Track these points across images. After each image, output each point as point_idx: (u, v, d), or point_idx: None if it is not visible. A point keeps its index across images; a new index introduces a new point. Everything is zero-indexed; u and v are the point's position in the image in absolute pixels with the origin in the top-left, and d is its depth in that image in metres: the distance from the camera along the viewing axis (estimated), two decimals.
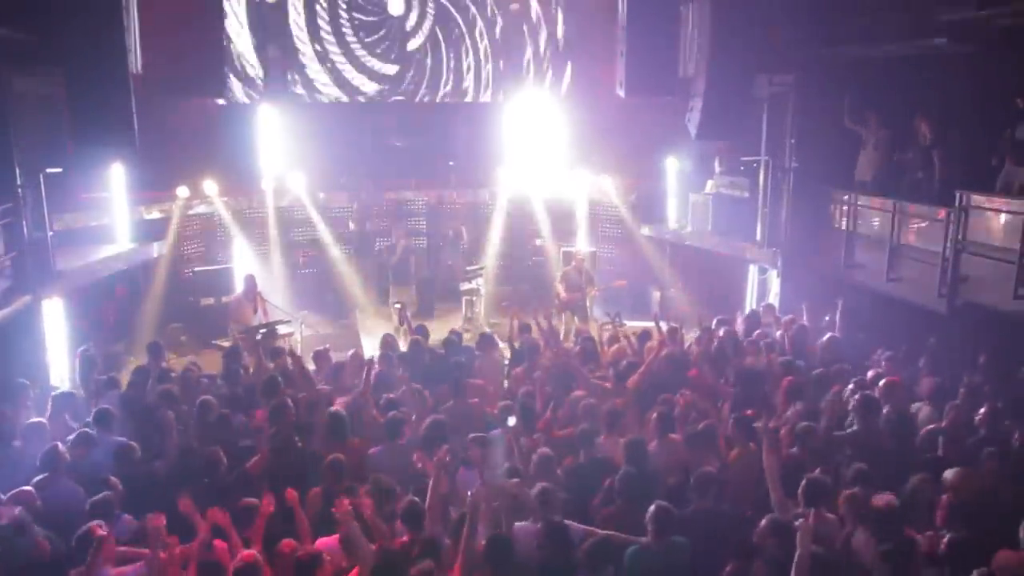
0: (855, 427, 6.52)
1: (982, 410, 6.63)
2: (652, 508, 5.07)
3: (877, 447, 6.27)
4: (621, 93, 11.41)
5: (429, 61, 15.49)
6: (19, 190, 9.57)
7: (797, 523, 4.67)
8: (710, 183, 13.48)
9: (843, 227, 10.93)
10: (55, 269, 10.26)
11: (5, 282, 9.40)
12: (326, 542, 5.21)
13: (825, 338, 9.00)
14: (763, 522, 4.93)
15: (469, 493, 5.07)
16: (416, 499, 5.37)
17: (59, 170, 10.14)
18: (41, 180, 9.90)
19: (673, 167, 14.25)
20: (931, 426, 6.61)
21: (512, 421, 6.66)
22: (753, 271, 12.65)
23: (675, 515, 5.10)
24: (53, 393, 7.94)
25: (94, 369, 8.84)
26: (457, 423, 6.86)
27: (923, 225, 9.76)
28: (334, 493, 5.73)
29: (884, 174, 10.72)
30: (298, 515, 5.48)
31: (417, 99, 15.58)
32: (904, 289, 9.81)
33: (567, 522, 5.14)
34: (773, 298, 11.75)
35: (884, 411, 6.70)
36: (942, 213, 9.11)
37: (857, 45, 10.39)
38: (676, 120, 11.79)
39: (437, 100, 15.65)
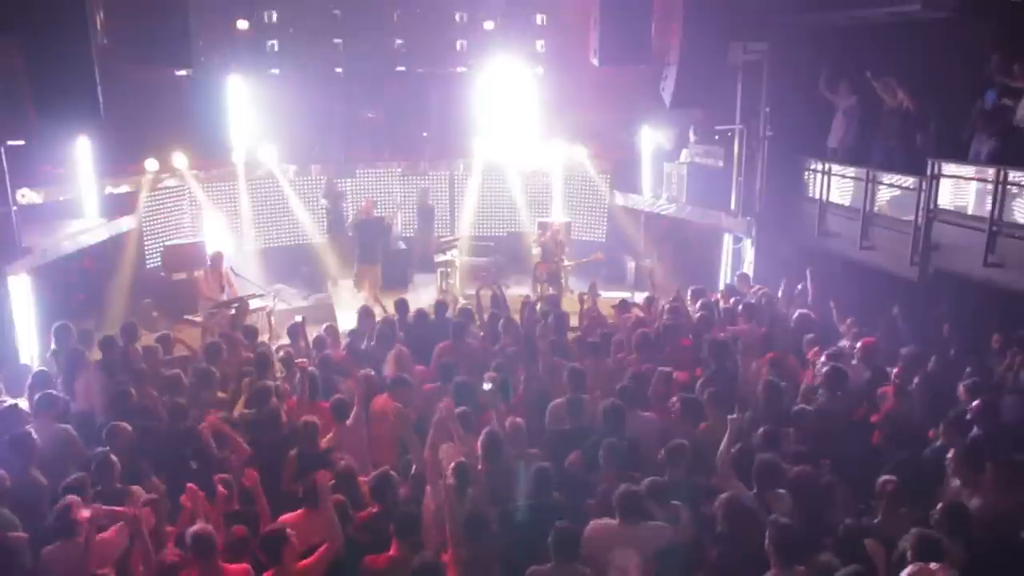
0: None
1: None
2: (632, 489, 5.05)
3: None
4: (595, 62, 11.33)
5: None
6: None
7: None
8: (685, 152, 13.46)
9: (817, 196, 10.97)
10: (21, 245, 10.06)
11: None
12: (288, 518, 5.23)
13: (795, 315, 9.08)
14: (716, 503, 4.95)
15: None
16: (390, 473, 5.41)
17: (21, 142, 9.91)
18: (2, 153, 9.66)
19: (648, 137, 14.21)
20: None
21: (488, 386, 6.72)
22: (728, 240, 12.68)
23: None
24: (32, 372, 7.85)
25: (69, 344, 8.69)
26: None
27: (896, 194, 9.82)
28: (309, 456, 5.90)
29: (853, 141, 10.75)
30: (258, 496, 5.48)
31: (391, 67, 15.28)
32: (877, 257, 9.88)
33: None
34: (748, 267, 11.80)
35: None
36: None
37: (832, 11, 10.34)
38: (651, 89, 11.73)
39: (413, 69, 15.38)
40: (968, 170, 8.85)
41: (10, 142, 9.77)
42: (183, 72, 11.95)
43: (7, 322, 9.66)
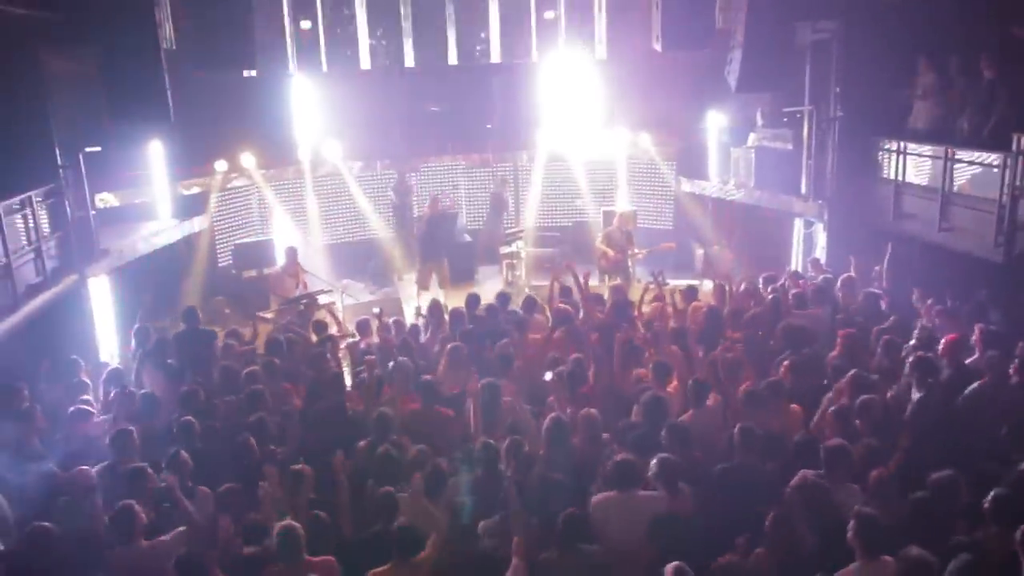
0: (915, 394, 6.24)
1: None
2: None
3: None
4: (658, 47, 11.15)
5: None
6: (60, 170, 9.68)
7: None
8: (752, 136, 13.14)
9: (891, 177, 10.57)
10: (99, 247, 10.41)
11: (52, 262, 9.54)
12: None
13: (861, 296, 8.77)
14: (793, 482, 4.91)
15: None
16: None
17: (98, 148, 10.24)
18: (81, 159, 10.00)
19: (714, 121, 13.93)
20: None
21: (549, 376, 6.80)
22: (799, 225, 12.35)
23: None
24: (107, 370, 8.10)
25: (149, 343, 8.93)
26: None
27: (978, 172, 9.38)
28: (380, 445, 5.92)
29: (938, 120, 10.29)
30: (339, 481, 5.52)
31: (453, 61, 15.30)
32: (957, 239, 9.46)
33: None
34: (820, 252, 11.47)
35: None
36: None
37: None
38: (716, 73, 11.48)
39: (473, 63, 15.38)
40: None
41: (88, 148, 10.12)
42: (248, 73, 12.18)
43: (88, 322, 10.02)
